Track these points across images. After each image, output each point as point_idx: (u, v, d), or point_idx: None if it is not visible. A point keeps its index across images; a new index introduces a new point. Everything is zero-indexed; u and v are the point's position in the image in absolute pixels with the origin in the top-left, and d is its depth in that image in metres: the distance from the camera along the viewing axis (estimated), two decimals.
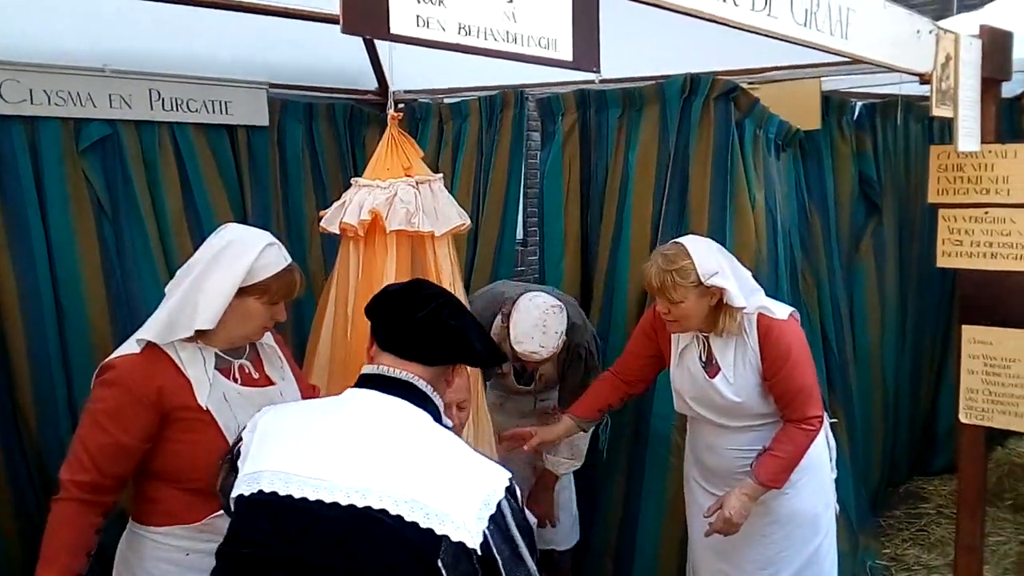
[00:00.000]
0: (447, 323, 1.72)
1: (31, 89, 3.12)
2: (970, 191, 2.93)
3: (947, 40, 2.55)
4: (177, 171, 3.56)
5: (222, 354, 2.10)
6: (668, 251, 2.61)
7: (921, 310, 4.87)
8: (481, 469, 1.55)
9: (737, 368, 2.65)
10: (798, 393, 2.61)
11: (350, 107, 4.16)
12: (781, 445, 2.63)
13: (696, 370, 2.72)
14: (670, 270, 2.53)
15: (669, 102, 3.46)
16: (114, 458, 1.97)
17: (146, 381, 1.99)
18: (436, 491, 1.47)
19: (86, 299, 3.26)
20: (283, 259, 2.09)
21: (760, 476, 2.60)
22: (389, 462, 1.52)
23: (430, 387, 1.69)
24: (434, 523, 1.43)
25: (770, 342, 2.61)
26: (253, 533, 1.53)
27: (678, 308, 2.58)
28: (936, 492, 4.91)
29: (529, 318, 2.84)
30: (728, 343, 2.65)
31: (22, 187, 3.14)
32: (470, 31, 1.15)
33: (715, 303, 2.59)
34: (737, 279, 2.60)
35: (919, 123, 4.69)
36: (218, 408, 2.04)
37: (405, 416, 1.63)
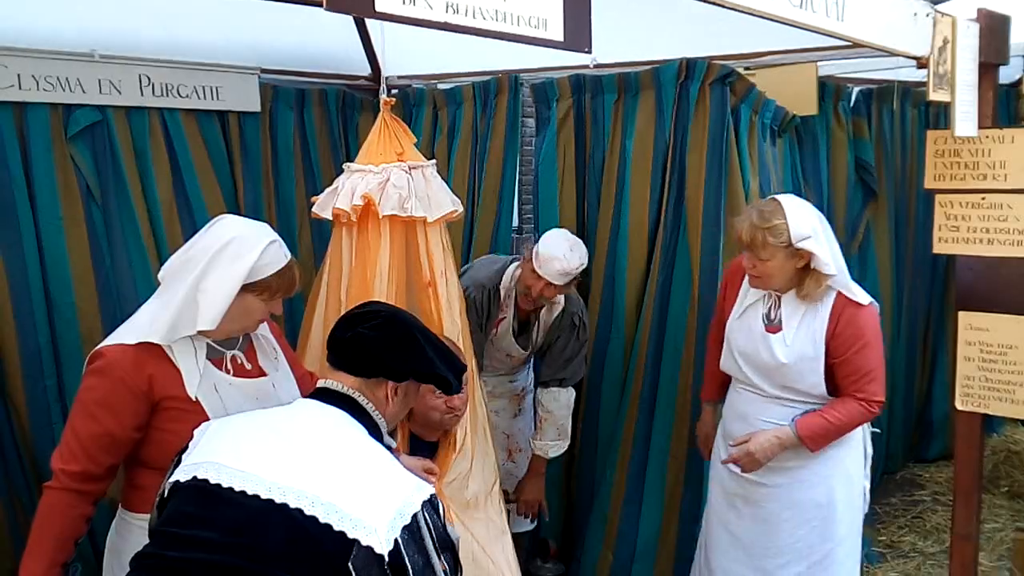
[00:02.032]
0: (359, 333, 1.82)
1: (19, 74, 3.08)
2: (967, 176, 2.90)
3: (944, 23, 2.52)
4: (168, 157, 3.53)
5: (215, 345, 2.08)
6: (764, 207, 2.58)
7: (916, 296, 4.86)
8: (402, 482, 1.62)
9: (799, 333, 2.63)
10: (867, 373, 2.61)
11: (342, 92, 4.12)
12: (832, 410, 2.62)
13: (756, 324, 2.71)
14: (762, 227, 2.52)
15: (664, 87, 3.43)
16: (105, 447, 1.97)
17: (137, 370, 1.97)
18: (353, 497, 1.53)
19: (75, 287, 3.24)
20: (283, 256, 2.07)
21: (799, 426, 2.59)
22: (313, 466, 1.60)
23: (365, 399, 1.79)
24: (346, 527, 1.49)
25: (844, 321, 2.59)
26: (179, 515, 1.60)
27: (764, 265, 2.57)
28: (932, 479, 4.91)
29: (560, 235, 3.06)
30: (799, 307, 2.63)
31: (10, 174, 3.11)
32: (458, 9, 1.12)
33: (802, 266, 2.57)
34: (830, 246, 2.58)
35: (916, 108, 4.67)
36: (208, 399, 2.02)
37: (337, 425, 1.73)
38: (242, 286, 2.00)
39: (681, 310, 3.43)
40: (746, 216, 2.60)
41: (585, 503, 3.77)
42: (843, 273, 2.63)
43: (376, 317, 1.88)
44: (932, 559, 4.02)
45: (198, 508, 1.58)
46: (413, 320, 1.97)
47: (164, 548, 1.58)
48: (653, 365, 3.51)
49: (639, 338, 3.55)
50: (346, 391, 1.79)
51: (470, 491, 2.37)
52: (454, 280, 2.46)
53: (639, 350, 3.54)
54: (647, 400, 3.51)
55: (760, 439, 2.62)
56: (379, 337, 1.83)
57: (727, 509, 2.89)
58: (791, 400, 2.70)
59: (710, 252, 3.35)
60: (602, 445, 3.71)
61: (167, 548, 1.57)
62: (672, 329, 3.46)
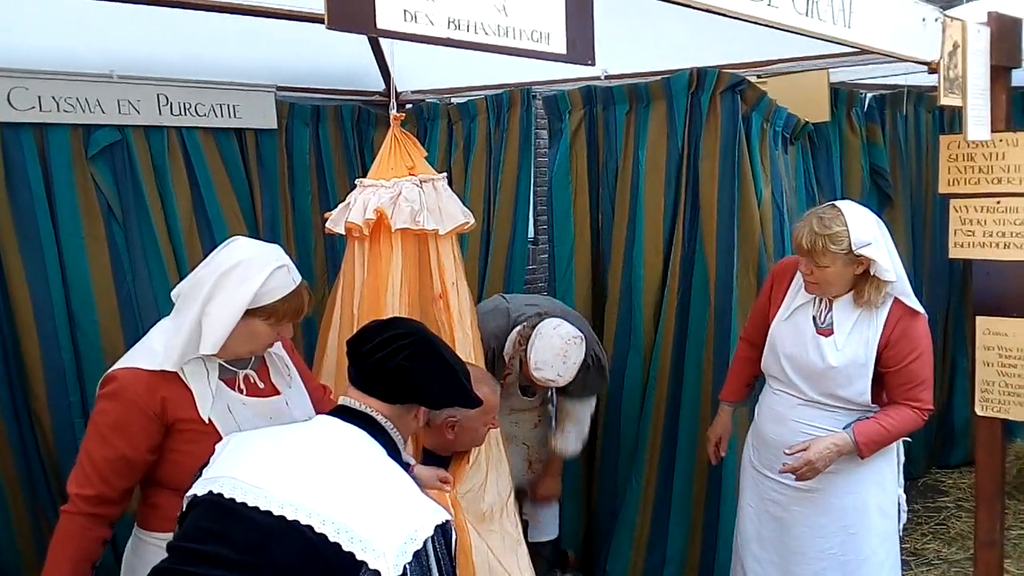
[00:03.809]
0: (401, 365, 1.80)
1: (39, 96, 3.14)
2: (981, 180, 2.88)
3: (954, 28, 2.51)
4: (186, 175, 3.58)
5: (227, 365, 2.08)
6: (824, 214, 2.55)
7: (934, 301, 4.82)
8: (417, 506, 1.61)
9: (852, 337, 2.60)
10: (921, 382, 2.61)
11: (357, 108, 4.17)
12: (888, 416, 2.60)
13: (806, 326, 2.68)
14: (823, 234, 2.49)
15: (676, 97, 3.44)
16: (119, 471, 1.97)
17: (149, 393, 1.97)
18: (365, 518, 1.53)
19: (97, 305, 3.28)
20: (291, 281, 2.03)
21: (857, 432, 2.57)
22: (327, 484, 1.60)
23: (390, 423, 1.79)
24: (356, 548, 1.49)
25: (899, 331, 2.58)
26: (195, 530, 1.62)
27: (822, 272, 2.55)
28: (955, 485, 4.87)
29: (551, 347, 2.83)
30: (854, 311, 2.61)
31: (32, 194, 3.17)
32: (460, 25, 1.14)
33: (860, 272, 2.56)
34: (889, 252, 2.57)
35: (930, 113, 4.65)
36: (221, 419, 2.02)
37: (356, 444, 1.73)
38: (248, 310, 1.98)
39: (700, 317, 3.44)
40: (806, 222, 2.57)
41: (607, 512, 3.78)
42: (902, 279, 2.60)
43: (406, 339, 1.85)
44: (957, 566, 3.98)
45: (213, 523, 1.60)
46: (438, 341, 1.97)
47: (180, 563, 1.60)
48: (675, 373, 3.52)
49: (659, 347, 3.55)
50: (366, 410, 1.79)
51: (485, 503, 2.38)
52: (465, 291, 2.48)
53: (660, 359, 3.55)
54: (671, 407, 3.52)
55: (819, 447, 2.57)
56: (419, 370, 1.82)
57: (760, 515, 2.87)
58: (831, 406, 2.67)
59: (725, 260, 3.35)
60: (625, 453, 3.71)
61: (183, 563, 1.59)
62: (693, 336, 3.46)
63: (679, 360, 3.51)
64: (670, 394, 3.53)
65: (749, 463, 2.93)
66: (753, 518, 2.89)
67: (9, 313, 3.16)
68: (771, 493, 2.82)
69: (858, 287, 2.59)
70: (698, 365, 3.46)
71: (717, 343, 3.40)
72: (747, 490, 2.94)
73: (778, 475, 2.74)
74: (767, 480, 2.82)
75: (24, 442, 3.18)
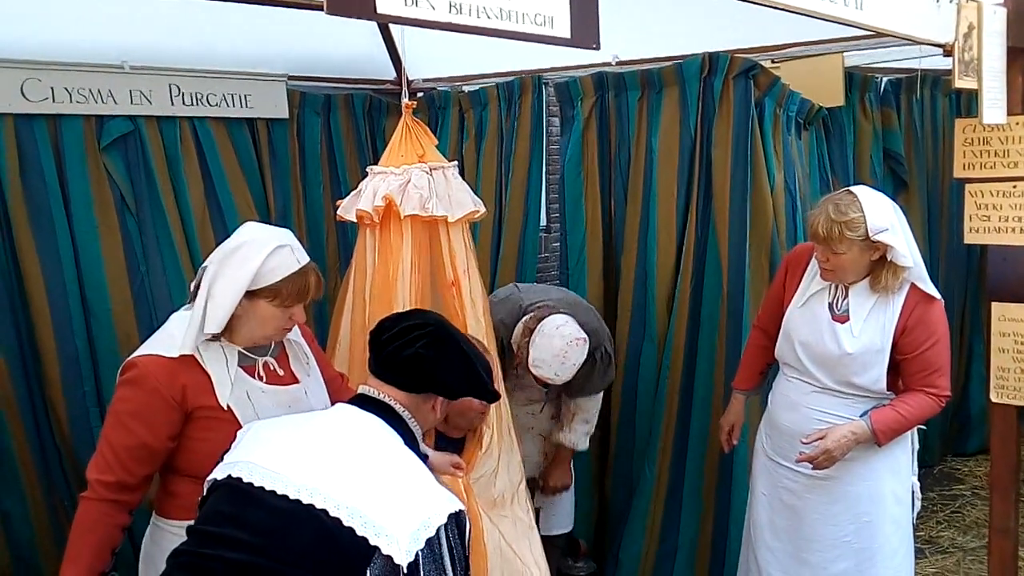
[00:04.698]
0: (418, 353, 1.82)
1: (52, 87, 3.16)
2: (997, 165, 2.85)
3: (969, 9, 2.48)
4: (199, 165, 3.60)
5: (246, 352, 2.08)
6: (840, 200, 2.53)
7: (950, 286, 4.78)
8: (431, 494, 1.62)
9: (868, 323, 2.58)
10: (938, 368, 2.59)
11: (369, 97, 4.16)
12: (905, 403, 2.58)
13: (822, 313, 2.66)
14: (839, 221, 2.47)
15: (688, 83, 3.42)
16: (139, 458, 1.97)
17: (170, 380, 1.98)
18: (379, 504, 1.55)
19: (111, 294, 3.31)
20: (295, 262, 2.03)
21: (874, 420, 2.56)
22: (344, 470, 1.63)
23: (407, 412, 1.81)
24: (369, 533, 1.51)
25: (916, 317, 2.56)
26: (214, 513, 1.65)
27: (838, 259, 2.53)
28: (971, 473, 4.84)
29: (551, 347, 2.82)
30: (870, 297, 2.59)
31: (46, 185, 3.19)
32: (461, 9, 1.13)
33: (876, 258, 2.54)
34: (906, 237, 2.54)
35: (946, 97, 4.60)
36: (240, 406, 2.02)
37: (374, 432, 1.74)
38: (251, 291, 1.99)
39: (713, 305, 3.43)
40: (821, 209, 2.55)
41: (621, 500, 3.78)
42: (919, 265, 2.58)
43: (424, 329, 1.87)
44: (972, 554, 3.96)
45: (231, 506, 1.62)
46: (455, 331, 1.97)
47: (198, 546, 1.62)
48: (688, 361, 3.51)
49: (672, 335, 3.54)
50: (384, 399, 1.81)
51: (496, 489, 2.39)
52: (477, 279, 2.47)
53: (673, 347, 3.54)
54: (684, 396, 3.51)
55: (836, 436, 2.55)
56: (436, 359, 1.83)
57: (773, 503, 2.86)
58: (846, 393, 2.65)
59: (737, 246, 3.33)
60: (639, 442, 3.72)
61: (201, 546, 1.61)
62: (706, 324, 3.45)
63: (692, 347, 3.50)
64: (683, 382, 3.52)
65: (762, 451, 2.92)
66: (766, 506, 2.88)
67: (24, 303, 3.19)
68: (784, 481, 2.81)
69: (875, 273, 2.57)
70: (711, 352, 3.45)
71: (730, 330, 3.38)
72: (760, 478, 2.93)
73: (792, 463, 2.72)
74: (780, 468, 2.80)
75: (40, 430, 3.22)
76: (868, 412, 2.60)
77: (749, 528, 3.00)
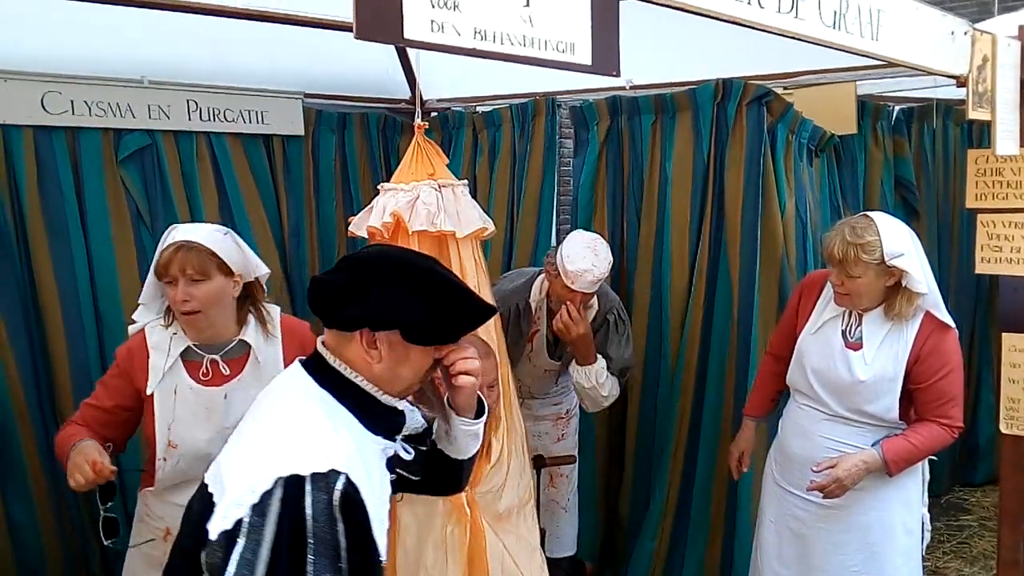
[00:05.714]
0: (324, 279, 1.58)
1: (72, 100, 3.21)
2: (1010, 196, 2.85)
3: (984, 41, 2.49)
4: (214, 180, 3.64)
5: (197, 349, 2.21)
6: (857, 224, 2.53)
7: (960, 315, 4.77)
8: (280, 455, 1.38)
9: (881, 351, 2.57)
10: (952, 399, 2.57)
11: (383, 116, 4.20)
12: (917, 433, 2.56)
13: (835, 340, 2.64)
14: (855, 244, 2.47)
15: (702, 108, 3.44)
16: (96, 420, 2.20)
17: (130, 357, 2.22)
18: (235, 462, 1.44)
19: (124, 304, 3.33)
20: (172, 237, 2.19)
21: (886, 450, 2.54)
22: (233, 439, 1.53)
23: (331, 355, 1.54)
24: (216, 490, 1.41)
25: (930, 346, 2.55)
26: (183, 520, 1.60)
27: (853, 283, 2.52)
28: (979, 504, 4.80)
29: (580, 242, 2.94)
30: (883, 325, 2.58)
31: (63, 196, 3.23)
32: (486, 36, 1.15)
33: (891, 284, 2.54)
34: (922, 264, 2.54)
35: (958, 127, 4.60)
36: (161, 399, 2.17)
37: (284, 385, 1.58)
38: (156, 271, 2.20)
39: (723, 330, 3.43)
40: (838, 231, 2.55)
41: (631, 524, 3.78)
42: (934, 292, 2.57)
43: (354, 256, 1.62)
44: None
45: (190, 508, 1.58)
46: (413, 258, 1.63)
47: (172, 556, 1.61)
48: (698, 385, 3.51)
49: (684, 358, 3.55)
50: (318, 345, 1.58)
51: (503, 504, 2.38)
52: (487, 294, 2.48)
53: (684, 370, 3.55)
54: (694, 420, 3.52)
55: (847, 465, 2.53)
56: (347, 281, 1.53)
57: (782, 531, 2.84)
58: (858, 421, 2.64)
59: (748, 271, 3.34)
60: (652, 464, 3.72)
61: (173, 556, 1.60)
62: (716, 348, 3.46)
63: (702, 371, 3.50)
64: (693, 406, 3.52)
65: (771, 478, 2.90)
66: (774, 533, 2.87)
67: (38, 313, 3.22)
68: (793, 509, 2.79)
69: (889, 299, 2.56)
70: (720, 376, 3.45)
71: (739, 355, 3.39)
72: (769, 506, 2.91)
73: (801, 491, 2.70)
74: (789, 496, 2.79)
75: (50, 440, 3.20)
76: (880, 441, 2.58)
77: (757, 554, 2.98)
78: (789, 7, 1.80)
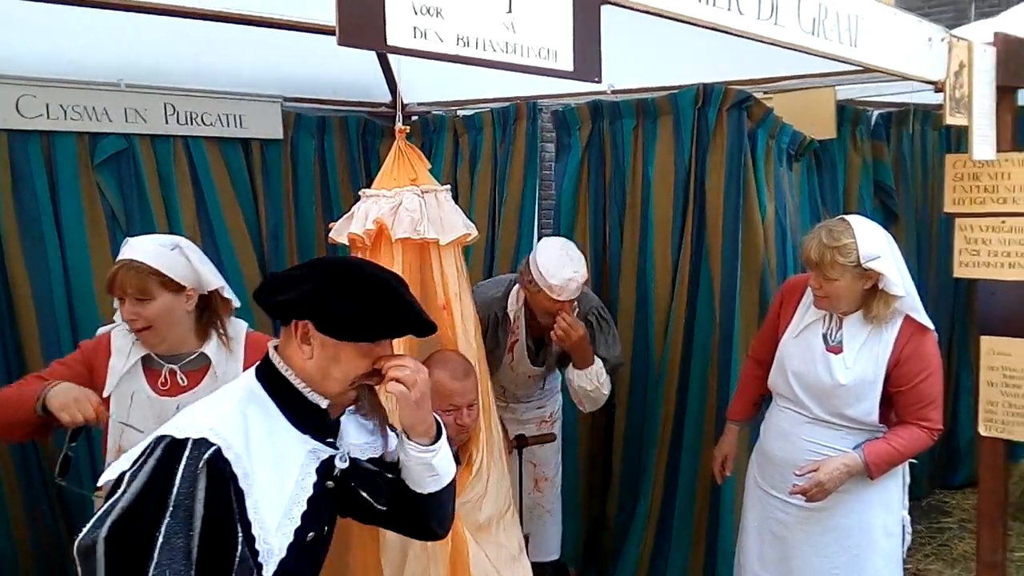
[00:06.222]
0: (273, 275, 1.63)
1: (47, 104, 3.17)
2: (987, 200, 2.88)
3: (960, 48, 2.52)
4: (191, 184, 3.60)
5: (157, 357, 2.22)
6: (834, 227, 2.56)
7: (939, 318, 4.80)
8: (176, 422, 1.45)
9: (861, 355, 2.59)
10: (931, 401, 2.58)
11: (363, 120, 4.18)
12: (898, 436, 2.58)
13: (816, 344, 2.66)
14: (832, 246, 2.49)
15: (683, 112, 3.45)
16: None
17: (94, 352, 2.24)
18: None
19: (100, 310, 3.28)
20: (121, 253, 2.20)
21: (867, 453, 2.55)
22: None
23: (276, 355, 1.57)
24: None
25: (910, 349, 2.57)
26: None
27: (831, 285, 2.54)
28: (958, 506, 4.84)
29: (553, 251, 2.88)
30: (863, 329, 2.60)
31: (38, 200, 3.19)
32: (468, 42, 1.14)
33: (869, 287, 2.55)
34: (899, 267, 2.56)
35: (937, 131, 4.65)
36: (118, 403, 2.17)
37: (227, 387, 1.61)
38: None
39: (705, 334, 3.44)
40: (814, 235, 2.58)
41: (616, 527, 3.78)
42: (912, 295, 2.59)
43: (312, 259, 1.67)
44: None
45: None
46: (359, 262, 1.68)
47: None
48: (681, 390, 3.52)
49: (667, 362, 3.55)
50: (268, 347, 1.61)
51: (483, 514, 2.36)
52: (469, 302, 2.47)
53: (667, 374, 3.55)
54: (677, 425, 3.52)
55: (828, 468, 2.55)
56: (284, 273, 1.59)
57: (763, 534, 2.85)
58: (838, 424, 2.65)
59: (728, 276, 3.35)
60: (638, 469, 3.72)
61: None
62: (699, 352, 3.47)
63: (685, 376, 3.51)
64: (676, 410, 3.52)
65: (753, 482, 2.91)
66: (756, 537, 2.88)
67: (12, 318, 3.18)
68: (775, 512, 2.80)
69: (867, 303, 2.58)
70: (703, 380, 3.45)
71: (721, 359, 3.39)
72: (750, 509, 2.92)
73: (782, 494, 2.72)
74: (771, 499, 2.80)
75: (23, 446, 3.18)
76: (861, 445, 2.60)
77: (739, 557, 2.99)
78: (769, 13, 1.81)
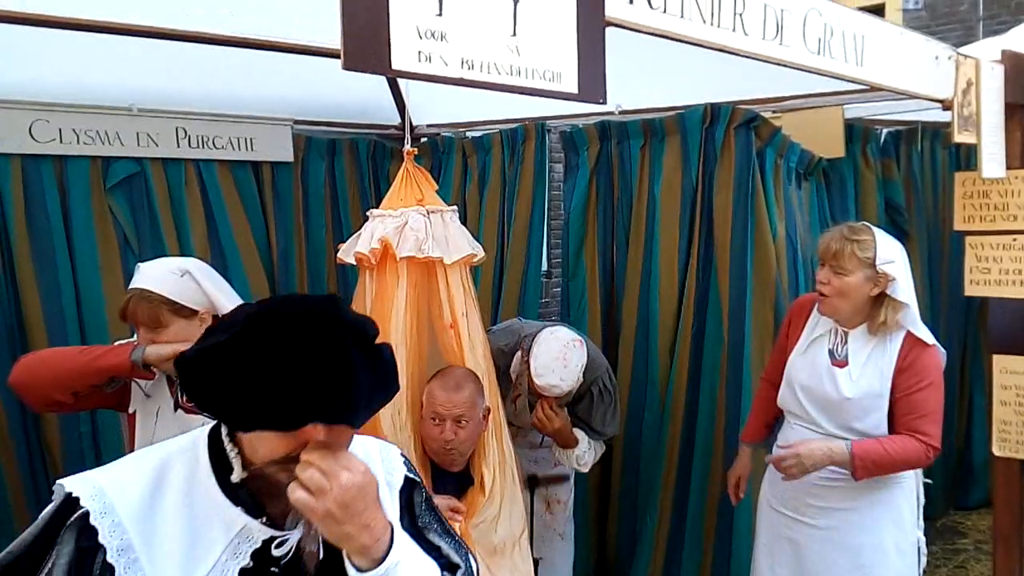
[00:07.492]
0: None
1: (60, 128, 3.20)
2: (997, 218, 2.88)
3: (967, 66, 2.52)
4: (202, 207, 3.61)
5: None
6: (854, 225, 2.62)
7: (951, 337, 4.78)
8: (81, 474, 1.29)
9: (866, 368, 2.60)
10: (929, 414, 2.56)
11: (372, 142, 4.20)
12: (892, 442, 2.55)
13: (822, 358, 2.68)
14: (852, 239, 2.54)
15: (690, 132, 3.46)
16: None
17: None
18: None
19: (111, 333, 3.29)
20: (133, 281, 2.25)
21: (855, 447, 2.52)
22: None
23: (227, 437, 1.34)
24: None
25: (911, 359, 2.57)
26: None
27: (840, 280, 2.55)
28: (974, 527, 4.78)
29: (550, 352, 2.77)
30: (868, 342, 2.61)
31: (50, 224, 3.21)
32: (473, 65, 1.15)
33: (875, 294, 2.56)
34: (907, 278, 2.58)
35: (946, 149, 4.63)
36: (143, 419, 2.20)
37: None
38: None
39: (714, 354, 3.43)
40: (835, 230, 2.63)
41: (623, 550, 3.75)
42: (915, 310, 2.60)
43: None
44: None
45: None
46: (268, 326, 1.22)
47: None
48: (689, 409, 3.50)
49: (674, 382, 3.54)
50: None
51: (497, 536, 2.35)
52: (476, 321, 2.47)
53: (674, 394, 3.54)
54: (685, 445, 3.50)
55: (811, 445, 2.56)
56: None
57: (775, 552, 2.83)
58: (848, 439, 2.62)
59: (738, 296, 3.34)
60: (643, 489, 3.70)
61: None
62: (707, 371, 3.45)
63: (693, 396, 3.49)
64: (684, 430, 3.51)
65: (766, 502, 2.90)
66: (767, 555, 2.86)
67: (24, 341, 3.18)
68: (786, 531, 2.78)
69: (874, 313, 2.59)
70: (712, 400, 3.44)
71: (730, 379, 3.38)
72: (763, 530, 2.90)
73: (794, 512, 2.72)
74: (783, 517, 2.78)
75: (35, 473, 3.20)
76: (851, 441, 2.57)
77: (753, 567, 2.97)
78: (774, 34, 1.81)
